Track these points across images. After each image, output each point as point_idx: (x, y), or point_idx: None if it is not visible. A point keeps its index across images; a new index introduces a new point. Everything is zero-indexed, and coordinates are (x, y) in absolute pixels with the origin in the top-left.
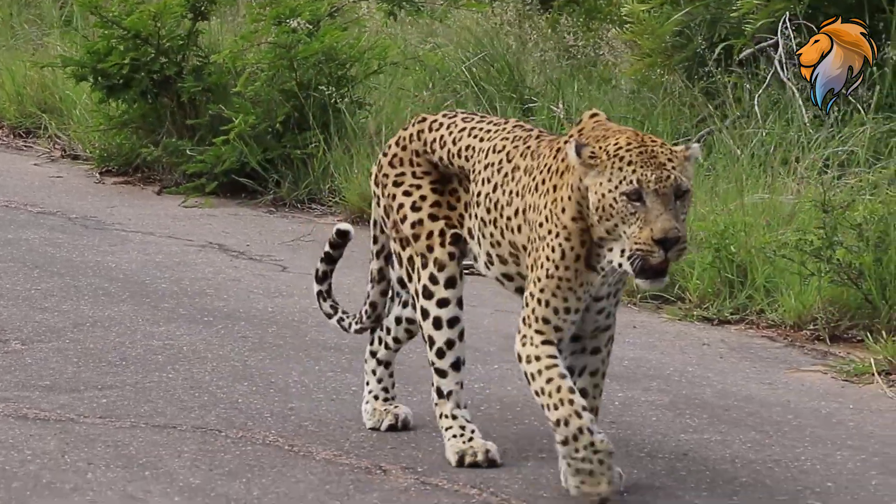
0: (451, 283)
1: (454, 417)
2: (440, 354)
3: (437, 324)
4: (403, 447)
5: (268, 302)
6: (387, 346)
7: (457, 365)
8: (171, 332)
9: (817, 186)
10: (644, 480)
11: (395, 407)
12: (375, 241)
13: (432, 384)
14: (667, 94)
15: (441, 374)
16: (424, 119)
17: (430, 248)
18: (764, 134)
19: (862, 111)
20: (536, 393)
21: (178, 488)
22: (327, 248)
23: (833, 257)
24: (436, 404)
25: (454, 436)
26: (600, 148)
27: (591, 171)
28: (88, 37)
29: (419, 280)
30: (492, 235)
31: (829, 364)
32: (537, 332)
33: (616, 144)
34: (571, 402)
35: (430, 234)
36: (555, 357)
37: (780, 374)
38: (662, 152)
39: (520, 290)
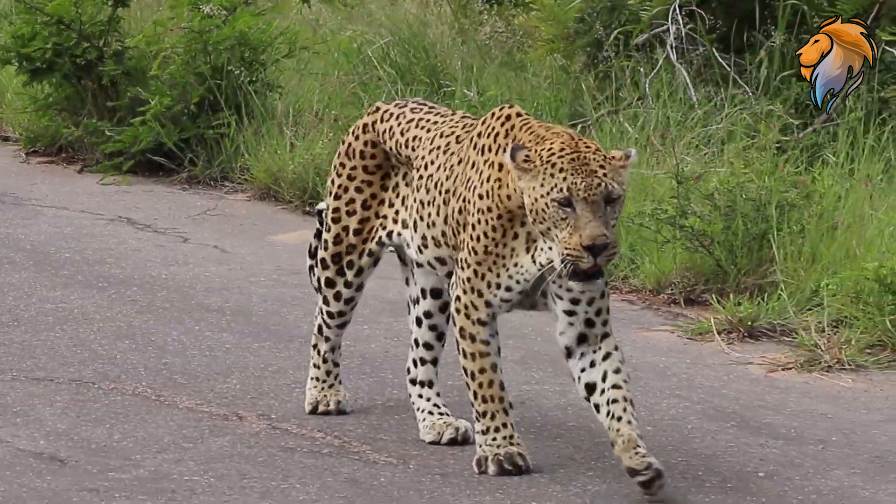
0: (359, 273)
1: (324, 360)
2: (330, 316)
3: (337, 297)
4: (263, 397)
5: (163, 269)
6: (422, 362)
7: (342, 325)
8: (66, 297)
9: (682, 160)
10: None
11: (455, 420)
12: (350, 215)
13: (315, 323)
14: (568, 78)
15: (326, 321)
16: (378, 109)
17: (365, 241)
18: (653, 114)
19: (751, 95)
20: (466, 371)
21: (44, 433)
22: (319, 226)
23: (686, 225)
24: (313, 334)
25: (316, 378)
26: (535, 152)
27: (526, 175)
28: (13, 22)
29: (341, 259)
30: (429, 216)
31: (677, 324)
32: (472, 304)
33: (549, 150)
34: (501, 399)
35: (370, 230)
36: (488, 343)
37: (631, 333)
38: (595, 159)
39: (451, 275)
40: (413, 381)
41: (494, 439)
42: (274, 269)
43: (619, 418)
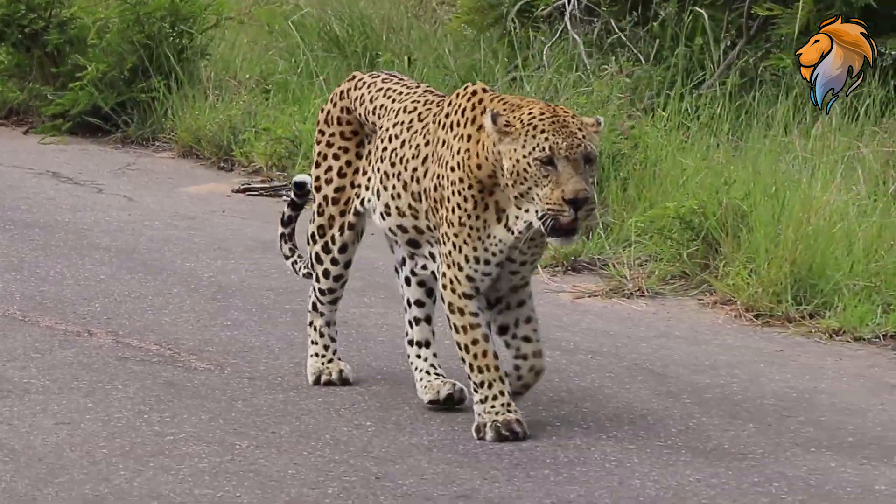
0: (343, 249)
1: (321, 335)
2: (322, 293)
3: (326, 274)
4: (117, 318)
5: (69, 215)
6: (416, 322)
7: (334, 302)
8: None
9: None
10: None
11: (449, 379)
12: (328, 183)
13: (309, 300)
14: (480, 47)
15: (319, 298)
16: (353, 77)
17: (343, 213)
18: (550, 80)
19: (643, 61)
20: (459, 346)
21: None
22: (292, 196)
23: None
24: (309, 310)
25: (316, 354)
26: (515, 117)
27: (506, 138)
28: None
29: (324, 234)
30: (394, 188)
31: None
32: (456, 278)
33: (530, 114)
34: (496, 367)
35: (347, 201)
36: (477, 315)
37: None
38: (573, 122)
39: (411, 243)
40: (410, 343)
41: (493, 407)
42: (171, 215)
43: (520, 377)
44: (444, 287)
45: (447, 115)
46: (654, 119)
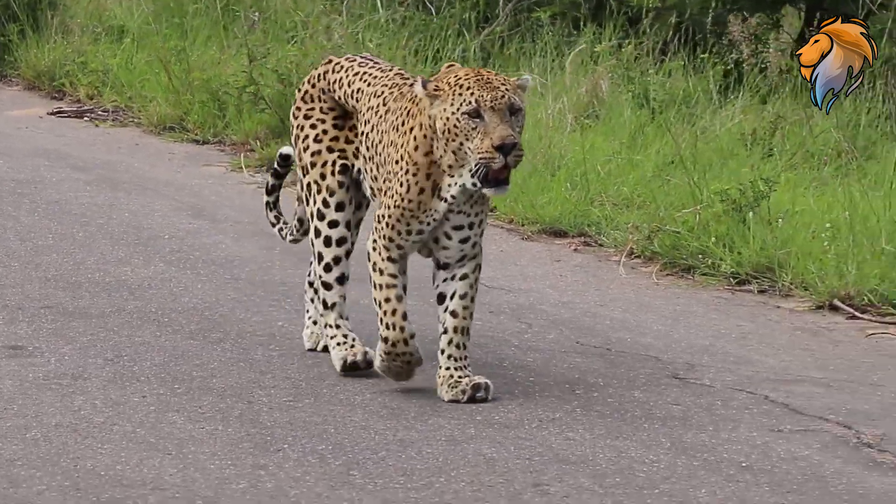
0: (340, 207)
1: (337, 327)
2: (328, 269)
3: (327, 242)
4: None
5: None
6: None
7: (341, 279)
8: None
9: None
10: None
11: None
12: (305, 150)
13: (320, 297)
14: None
15: (327, 286)
16: (331, 61)
17: (323, 176)
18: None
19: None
20: (375, 301)
21: None
22: (275, 167)
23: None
24: (321, 315)
25: (338, 344)
26: (443, 81)
27: (436, 101)
28: None
29: (314, 203)
30: (372, 171)
31: (234, 161)
32: (384, 246)
33: (456, 76)
34: (402, 328)
35: (324, 164)
36: (395, 276)
37: (197, 168)
38: (496, 79)
39: None
40: (310, 284)
41: (394, 360)
42: None
43: (443, 351)
44: (374, 249)
45: (398, 116)
46: None
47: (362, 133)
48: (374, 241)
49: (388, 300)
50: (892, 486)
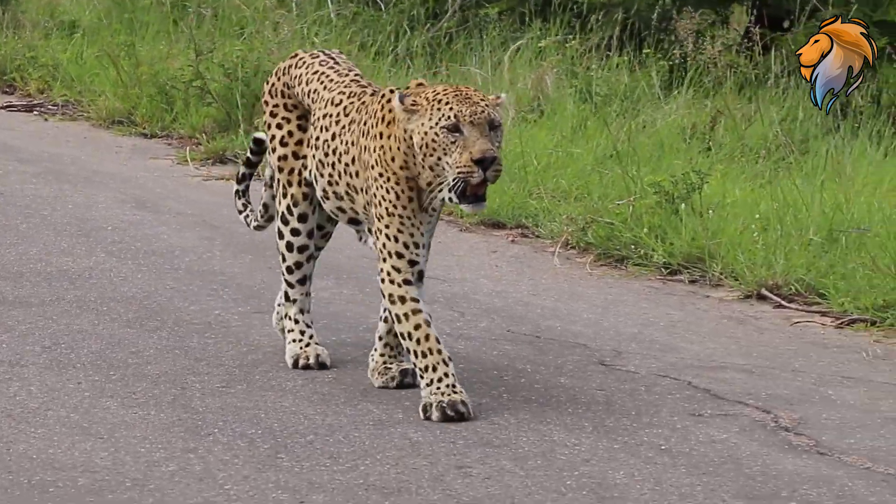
0: (303, 219)
1: (296, 322)
2: (290, 271)
3: (289, 247)
4: None
5: None
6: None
7: (303, 281)
8: None
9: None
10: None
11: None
12: (273, 151)
13: (282, 289)
14: None
15: (289, 284)
16: (296, 55)
17: (290, 184)
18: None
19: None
20: (402, 335)
21: None
22: (248, 155)
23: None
24: (279, 304)
25: (294, 340)
26: (421, 96)
27: (414, 115)
28: None
29: (280, 205)
30: (330, 175)
31: (181, 154)
32: (395, 268)
33: (434, 91)
34: (440, 351)
35: (290, 171)
36: (417, 300)
37: (145, 161)
38: (475, 94)
39: (353, 221)
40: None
41: (438, 388)
42: None
43: (381, 338)
44: (383, 281)
45: (366, 123)
46: None
47: (316, 138)
48: (382, 270)
49: (417, 327)
50: (805, 466)
